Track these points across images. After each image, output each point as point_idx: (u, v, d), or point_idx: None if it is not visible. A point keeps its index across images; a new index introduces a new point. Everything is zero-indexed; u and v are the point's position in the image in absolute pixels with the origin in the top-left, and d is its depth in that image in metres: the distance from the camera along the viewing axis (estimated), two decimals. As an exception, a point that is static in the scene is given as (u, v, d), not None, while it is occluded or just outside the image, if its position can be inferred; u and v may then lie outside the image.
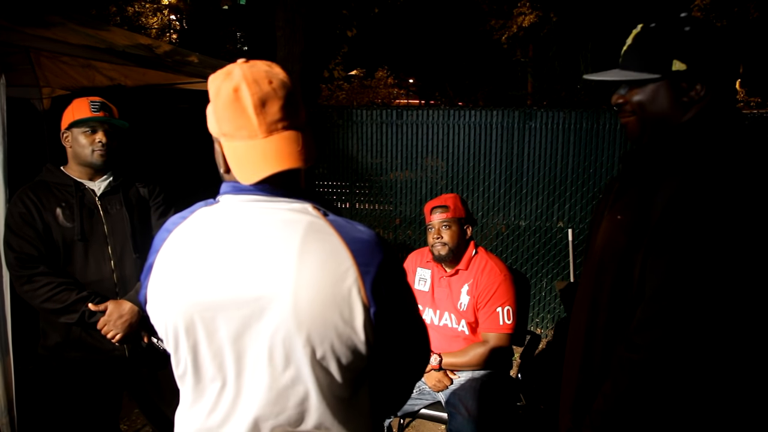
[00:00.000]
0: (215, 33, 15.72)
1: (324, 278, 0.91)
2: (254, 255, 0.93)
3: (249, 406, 0.97)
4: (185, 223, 1.02)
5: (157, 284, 1.01)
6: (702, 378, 1.06)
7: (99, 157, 2.06)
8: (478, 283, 2.50)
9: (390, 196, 5.00)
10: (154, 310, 1.02)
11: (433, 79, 18.44)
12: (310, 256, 0.91)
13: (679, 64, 1.15)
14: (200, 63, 3.55)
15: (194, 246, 0.98)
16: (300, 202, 0.98)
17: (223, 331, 0.95)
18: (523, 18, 13.53)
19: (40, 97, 3.76)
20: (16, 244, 1.95)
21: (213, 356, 0.97)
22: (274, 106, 0.93)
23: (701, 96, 1.15)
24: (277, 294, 0.91)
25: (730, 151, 1.11)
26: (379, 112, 4.95)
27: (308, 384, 0.94)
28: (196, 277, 0.96)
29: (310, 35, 5.03)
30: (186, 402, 1.05)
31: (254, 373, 0.96)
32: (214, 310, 0.95)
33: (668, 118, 1.20)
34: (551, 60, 11.32)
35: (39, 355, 2.11)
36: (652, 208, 1.11)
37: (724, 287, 1.03)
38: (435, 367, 2.49)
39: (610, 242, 1.21)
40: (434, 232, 2.55)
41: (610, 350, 1.20)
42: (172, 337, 1.00)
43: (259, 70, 0.95)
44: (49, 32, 2.79)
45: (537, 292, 4.67)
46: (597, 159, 4.44)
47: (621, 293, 1.18)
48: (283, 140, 0.93)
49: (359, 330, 0.93)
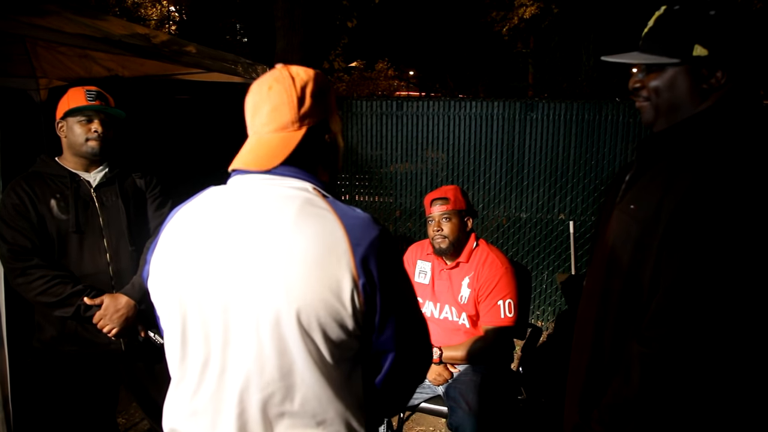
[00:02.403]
0: (215, 24, 15.64)
1: (314, 249, 0.92)
2: (249, 225, 0.96)
3: (235, 379, 0.96)
4: (194, 201, 1.07)
5: (158, 258, 1.04)
6: (715, 374, 1.03)
7: (94, 146, 2.03)
8: (479, 276, 2.48)
9: (390, 188, 4.97)
10: (154, 284, 1.05)
11: (434, 71, 18.35)
12: (302, 227, 0.94)
13: (700, 50, 1.09)
14: (198, 53, 3.51)
15: (196, 220, 1.02)
16: (302, 181, 1.02)
17: (213, 299, 0.96)
18: (524, 9, 13.44)
19: (37, 88, 3.72)
20: (10, 235, 1.92)
21: (201, 326, 0.98)
22: (263, 110, 1.03)
23: (721, 84, 1.11)
24: (267, 263, 0.93)
25: (749, 144, 1.07)
26: (379, 103, 4.91)
27: (294, 355, 0.94)
28: (192, 250, 0.99)
29: (310, 26, 4.99)
30: (173, 382, 1.05)
31: (241, 343, 0.95)
32: (206, 278, 0.97)
33: (685, 105, 1.15)
34: (553, 51, 11.27)
35: (34, 349, 2.09)
36: (667, 199, 1.08)
37: (739, 284, 1.00)
38: (435, 360, 2.47)
39: (623, 233, 1.17)
40: (434, 225, 2.52)
41: (620, 344, 1.17)
42: (165, 311, 1.03)
43: (270, 75, 1.05)
44: (44, 21, 2.76)
45: (538, 285, 4.65)
46: (599, 150, 4.40)
47: (633, 286, 1.15)
48: (258, 143, 1.03)
49: (347, 303, 0.93)
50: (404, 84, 21.74)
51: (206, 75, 3.68)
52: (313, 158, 1.06)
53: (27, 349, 2.12)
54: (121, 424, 3.06)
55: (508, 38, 14.78)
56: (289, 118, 1.01)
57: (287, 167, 1.01)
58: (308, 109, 1.03)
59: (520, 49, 15.35)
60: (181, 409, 1.02)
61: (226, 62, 3.47)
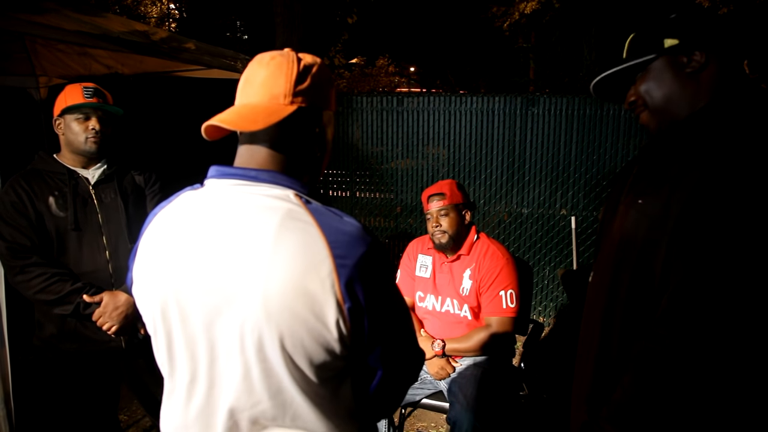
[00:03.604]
0: (215, 21, 15.62)
1: (295, 269, 0.86)
2: (228, 240, 0.90)
3: (224, 397, 0.93)
4: (169, 206, 1.02)
5: (139, 267, 1.00)
6: (726, 372, 1.02)
7: (92, 144, 2.02)
8: (480, 267, 2.49)
9: (391, 185, 4.96)
10: (137, 294, 1.02)
11: (435, 67, 18.31)
12: (283, 245, 0.87)
13: (670, 41, 1.17)
14: (197, 50, 3.50)
15: (173, 229, 0.97)
16: (282, 188, 0.95)
17: (195, 317, 0.93)
18: (525, 5, 13.38)
19: (37, 86, 3.72)
20: (8, 233, 1.92)
21: (186, 344, 0.95)
22: (258, 78, 0.99)
23: (703, 63, 1.14)
24: (247, 282, 0.87)
25: (755, 136, 1.06)
26: (379, 99, 4.89)
27: (281, 377, 0.90)
28: (172, 261, 0.95)
29: (310, 22, 4.97)
30: (165, 392, 1.03)
31: (227, 363, 0.92)
32: (187, 295, 0.93)
33: (678, 96, 1.17)
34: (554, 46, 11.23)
35: (35, 347, 2.08)
36: (676, 194, 1.07)
37: (750, 281, 0.98)
38: (438, 353, 2.47)
39: (630, 228, 1.16)
40: (433, 221, 2.53)
41: (629, 340, 1.15)
42: (150, 322, 1.00)
43: (275, 51, 1.02)
44: (43, 18, 2.75)
45: (540, 281, 4.64)
46: (600, 145, 4.39)
47: (642, 282, 1.13)
48: (242, 106, 0.99)
49: (331, 327, 0.87)
50: (405, 80, 21.71)
51: (206, 72, 3.67)
52: (297, 150, 0.99)
53: (28, 347, 2.12)
54: (123, 421, 3.06)
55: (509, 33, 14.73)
56: (282, 89, 0.95)
57: (267, 172, 0.95)
58: (305, 88, 0.96)
59: (521, 45, 15.30)
60: (172, 422, 1.01)
61: (225, 59, 3.46)
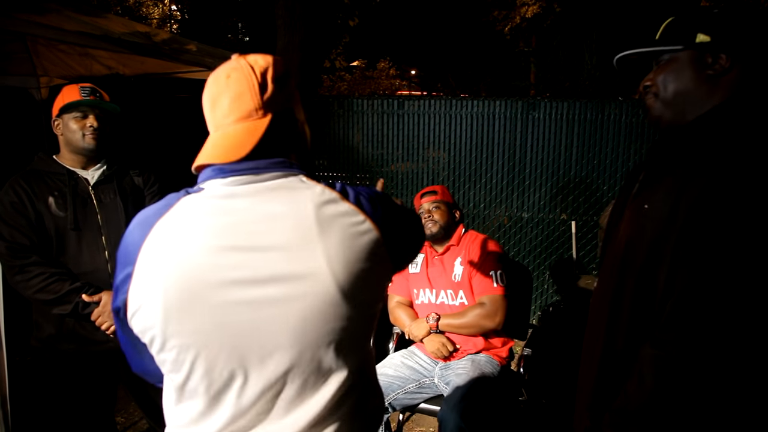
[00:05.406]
0: (216, 23, 15.65)
1: (348, 240, 0.92)
2: (271, 239, 0.90)
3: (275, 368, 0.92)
4: (166, 217, 0.92)
5: (147, 293, 0.89)
6: (730, 378, 1.01)
7: (91, 140, 2.01)
8: (470, 252, 2.63)
9: (391, 188, 4.95)
10: (145, 321, 0.90)
11: (436, 70, 18.36)
12: (329, 227, 0.92)
13: (702, 37, 1.12)
14: (198, 51, 3.51)
15: (195, 242, 0.89)
16: (291, 174, 0.97)
17: (245, 320, 0.89)
18: (526, 8, 13.42)
19: (38, 86, 3.72)
20: (8, 233, 1.91)
21: (207, 372, 0.90)
22: (224, 101, 0.96)
23: (726, 68, 1.12)
24: (312, 272, 0.89)
25: (761, 142, 1.05)
26: (380, 102, 4.89)
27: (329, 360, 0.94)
28: (207, 277, 0.88)
29: (311, 24, 4.96)
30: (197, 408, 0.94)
31: (278, 358, 0.91)
32: (237, 305, 0.88)
33: (692, 94, 1.16)
34: (555, 50, 11.24)
35: (32, 347, 2.08)
36: (682, 200, 1.06)
37: (755, 288, 0.98)
38: (433, 326, 2.55)
39: (636, 233, 1.15)
40: (425, 213, 2.70)
41: (633, 346, 1.14)
42: (175, 350, 0.90)
43: (226, 65, 1.00)
44: (44, 19, 2.76)
45: (539, 285, 4.63)
46: (601, 150, 4.39)
47: (647, 287, 1.13)
48: (222, 137, 0.96)
49: (382, 269, 0.97)
50: (406, 83, 21.74)
51: (207, 73, 3.65)
52: (286, 149, 1.01)
53: (25, 348, 2.11)
54: (120, 423, 3.05)
55: (510, 37, 14.77)
56: (252, 105, 0.95)
57: (268, 160, 0.95)
58: (271, 95, 0.97)
59: (522, 48, 15.33)
60: (222, 417, 0.93)
61: (226, 60, 3.46)
